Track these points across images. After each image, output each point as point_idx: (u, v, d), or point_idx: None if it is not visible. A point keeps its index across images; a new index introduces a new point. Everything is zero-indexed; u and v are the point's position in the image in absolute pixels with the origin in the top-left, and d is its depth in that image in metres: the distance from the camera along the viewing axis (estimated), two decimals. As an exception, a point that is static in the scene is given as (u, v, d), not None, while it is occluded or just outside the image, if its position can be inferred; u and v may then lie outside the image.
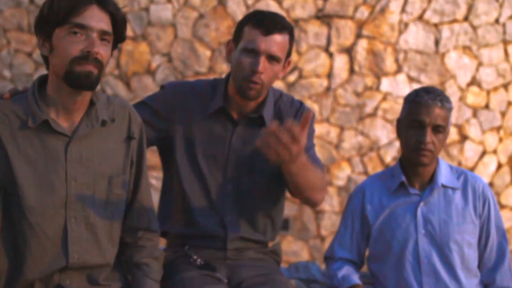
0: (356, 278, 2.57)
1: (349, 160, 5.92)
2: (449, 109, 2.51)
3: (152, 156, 2.62)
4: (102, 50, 1.96)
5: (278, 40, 2.32)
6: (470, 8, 5.93)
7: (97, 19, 1.95)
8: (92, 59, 1.93)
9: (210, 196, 2.42)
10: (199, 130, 2.43)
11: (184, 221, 2.46)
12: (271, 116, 2.45)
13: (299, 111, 2.51)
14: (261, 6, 5.76)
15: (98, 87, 5.58)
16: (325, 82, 5.87)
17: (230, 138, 2.43)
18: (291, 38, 2.38)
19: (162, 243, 2.45)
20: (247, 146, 2.43)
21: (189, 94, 2.48)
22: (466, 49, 5.93)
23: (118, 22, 2.01)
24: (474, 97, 5.99)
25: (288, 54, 2.40)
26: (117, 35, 2.03)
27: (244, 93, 2.34)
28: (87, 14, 1.93)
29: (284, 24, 2.36)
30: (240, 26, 2.38)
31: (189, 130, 2.44)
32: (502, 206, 6.10)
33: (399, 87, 5.85)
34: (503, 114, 6.09)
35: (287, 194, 2.58)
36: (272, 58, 2.32)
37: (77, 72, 1.93)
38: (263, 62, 2.29)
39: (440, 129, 2.48)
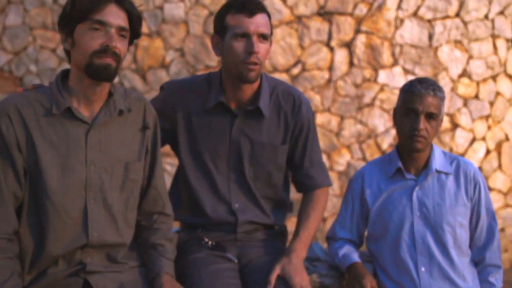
0: (356, 257, 2.57)
1: (348, 147, 5.91)
2: (442, 98, 2.50)
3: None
4: (120, 45, 1.97)
5: (263, 19, 2.28)
6: (461, 5, 5.89)
7: (115, 16, 1.96)
8: (111, 53, 1.95)
9: (217, 187, 2.40)
10: (199, 125, 2.40)
11: (193, 211, 2.44)
12: (267, 106, 2.40)
13: (296, 102, 2.45)
14: (266, 3, 5.73)
15: (117, 80, 5.58)
16: (326, 75, 5.85)
17: (230, 131, 2.39)
18: (270, 18, 2.34)
19: (176, 225, 2.44)
20: (247, 137, 2.40)
21: (187, 92, 2.44)
22: (457, 43, 5.91)
23: (134, 19, 2.03)
24: (465, 88, 5.97)
25: (271, 33, 2.35)
26: (133, 31, 2.05)
27: (245, 77, 2.28)
28: (106, 11, 1.95)
29: (262, 5, 2.32)
30: (220, 18, 2.33)
31: (190, 126, 2.40)
32: (490, 189, 6.08)
33: (395, 79, 5.83)
34: (491, 103, 6.07)
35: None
36: (262, 36, 2.28)
37: (97, 64, 1.95)
38: (256, 42, 2.25)
39: (433, 116, 2.47)
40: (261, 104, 2.37)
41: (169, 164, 5.43)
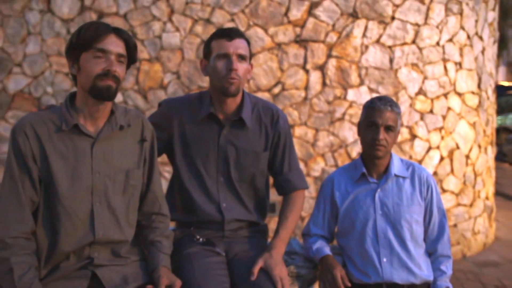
0: (327, 250, 2.57)
1: (323, 155, 5.92)
2: (398, 113, 2.51)
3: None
4: (119, 69, 1.99)
5: (240, 43, 2.33)
6: (417, 33, 5.94)
7: (114, 45, 1.98)
8: (111, 76, 1.96)
9: (207, 188, 2.40)
10: (192, 134, 2.41)
11: (186, 211, 2.44)
12: (250, 117, 2.43)
13: (274, 115, 2.48)
14: (250, 33, 5.75)
15: (121, 99, 5.53)
16: (303, 93, 5.86)
17: (218, 139, 2.40)
18: (249, 44, 2.39)
19: (172, 224, 2.43)
20: (232, 144, 2.41)
21: (182, 106, 2.45)
22: (414, 66, 5.95)
23: (131, 47, 2.05)
24: (421, 104, 6.01)
25: (250, 57, 2.40)
26: (130, 57, 2.07)
27: (226, 91, 2.31)
28: (107, 41, 1.97)
29: (242, 33, 2.39)
30: (207, 44, 2.39)
31: (185, 135, 2.41)
32: (444, 191, 6.11)
33: (362, 96, 5.85)
34: (444, 117, 6.11)
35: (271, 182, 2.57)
36: (240, 57, 2.32)
37: (99, 86, 1.95)
38: (235, 61, 2.30)
39: (391, 128, 2.49)
40: (244, 115, 2.39)
41: (167, 172, 5.41)
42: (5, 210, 1.95)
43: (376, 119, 2.46)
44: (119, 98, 5.89)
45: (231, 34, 2.32)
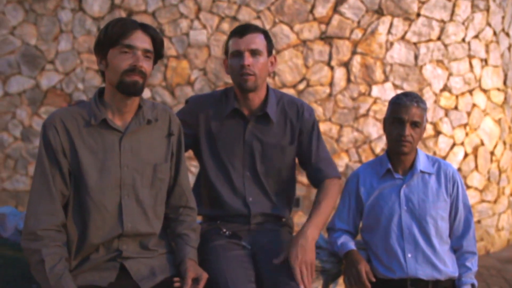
0: (352, 245, 2.54)
1: (347, 151, 5.87)
2: (424, 109, 2.47)
3: (192, 149, 2.60)
4: (146, 64, 1.98)
5: (254, 38, 2.29)
6: (442, 30, 5.85)
7: (141, 40, 1.97)
8: (138, 71, 1.95)
9: (233, 183, 2.39)
10: (218, 130, 2.40)
11: (213, 205, 2.43)
12: (275, 112, 2.41)
13: (299, 109, 2.46)
14: (276, 30, 5.73)
15: (149, 95, 5.55)
16: (327, 90, 5.82)
17: (244, 134, 2.39)
18: (267, 38, 2.35)
19: (199, 218, 2.43)
20: (258, 139, 2.40)
21: (208, 103, 2.45)
22: (439, 62, 5.86)
23: (158, 42, 2.03)
24: (446, 100, 5.91)
25: (270, 50, 2.36)
26: (157, 53, 2.05)
27: (243, 87, 2.30)
28: (133, 37, 1.96)
29: (256, 27, 2.35)
30: (226, 44, 2.38)
31: (211, 131, 2.40)
32: (468, 187, 6.01)
33: (386, 93, 5.79)
34: (468, 114, 6.01)
35: (298, 177, 2.54)
36: (253, 52, 2.28)
37: (126, 81, 1.95)
38: (247, 57, 2.27)
39: (417, 124, 2.44)
40: (269, 110, 2.38)
41: (194, 167, 5.43)
42: (36, 203, 1.95)
43: (402, 115, 2.42)
44: (147, 94, 5.92)
45: (242, 30, 2.30)
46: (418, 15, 5.77)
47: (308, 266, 2.13)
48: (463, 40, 5.93)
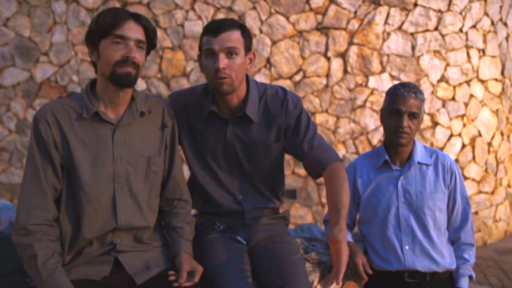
0: (349, 237, 2.53)
1: (344, 142, 5.86)
2: (422, 99, 2.44)
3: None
4: (138, 55, 1.95)
5: (229, 36, 2.10)
6: (439, 20, 5.82)
7: (133, 31, 1.94)
8: (131, 62, 1.92)
9: (222, 182, 2.32)
10: (199, 131, 2.30)
11: (205, 202, 2.39)
12: (256, 112, 2.27)
13: (283, 105, 2.28)
14: (272, 20, 5.69)
15: (144, 87, 5.51)
16: (324, 81, 5.79)
17: (225, 135, 2.28)
18: (244, 33, 2.17)
19: (193, 211, 2.40)
20: (240, 139, 2.29)
21: (188, 100, 2.33)
22: (436, 53, 5.83)
23: (150, 33, 2.00)
24: (443, 91, 5.90)
25: (247, 47, 2.18)
26: (150, 43, 2.02)
27: (218, 90, 2.15)
28: (125, 27, 1.93)
29: (232, 23, 2.15)
30: (200, 39, 2.20)
31: (192, 131, 2.31)
32: (465, 178, 6.02)
33: (383, 84, 5.77)
34: (466, 104, 6.00)
35: (295, 169, 2.51)
36: (229, 52, 2.11)
37: (119, 73, 1.92)
38: (222, 59, 2.09)
39: (415, 115, 2.42)
40: (248, 110, 2.24)
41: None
42: (28, 198, 1.93)
43: (400, 106, 2.39)
44: (142, 86, 5.89)
45: (217, 28, 2.10)
46: (415, 5, 5.74)
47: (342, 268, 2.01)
48: (461, 30, 5.90)
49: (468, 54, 5.96)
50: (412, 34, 5.77)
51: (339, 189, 2.13)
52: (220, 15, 5.79)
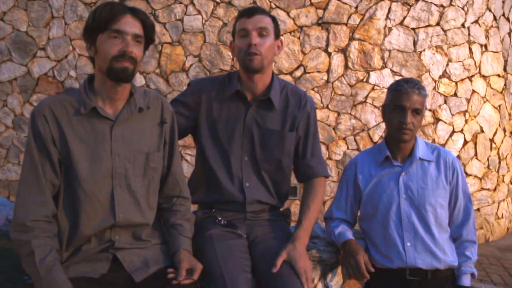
0: (350, 234, 2.53)
1: (344, 139, 5.85)
2: (425, 95, 2.45)
3: (188, 137, 2.59)
4: (136, 50, 1.95)
5: (261, 19, 2.32)
6: (441, 15, 5.81)
7: (130, 25, 1.93)
8: (128, 57, 1.92)
9: (231, 167, 2.38)
10: (219, 112, 2.40)
11: (210, 189, 2.42)
12: (278, 99, 2.41)
13: (302, 99, 2.46)
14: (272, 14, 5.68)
15: (143, 82, 5.51)
16: (325, 76, 5.78)
17: (244, 118, 2.38)
18: (274, 22, 2.37)
19: (194, 207, 2.40)
20: (258, 124, 2.38)
21: (210, 85, 2.45)
22: (438, 48, 5.82)
23: (148, 27, 2.00)
24: (445, 87, 5.89)
25: (277, 34, 2.38)
26: (148, 38, 2.02)
27: (248, 66, 2.30)
28: (122, 21, 1.92)
29: (264, 10, 2.37)
30: (233, 25, 2.40)
31: (211, 113, 2.40)
32: (467, 175, 6.01)
33: (384, 79, 5.76)
34: (468, 100, 5.99)
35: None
36: (261, 32, 2.30)
37: (116, 68, 1.92)
38: (254, 36, 2.28)
39: (418, 112, 2.43)
40: (272, 95, 2.37)
41: (188, 155, 5.40)
42: (25, 194, 1.93)
43: (404, 102, 2.39)
44: (141, 81, 5.88)
45: (251, 11, 2.32)
46: (417, 0, 5.73)
47: (309, 273, 2.14)
48: (463, 25, 5.89)
49: (470, 49, 5.95)
50: (413, 29, 5.76)
51: (314, 204, 2.38)
52: (220, 10, 5.77)
